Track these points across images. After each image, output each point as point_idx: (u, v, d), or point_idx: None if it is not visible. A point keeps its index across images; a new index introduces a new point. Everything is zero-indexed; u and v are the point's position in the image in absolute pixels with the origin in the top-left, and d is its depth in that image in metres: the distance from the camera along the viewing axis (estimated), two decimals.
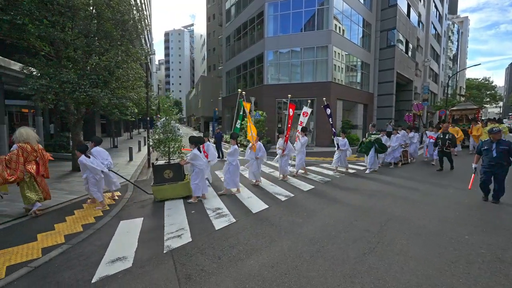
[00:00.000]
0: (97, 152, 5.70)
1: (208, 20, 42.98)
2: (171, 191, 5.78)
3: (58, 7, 6.09)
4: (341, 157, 8.86)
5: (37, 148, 4.96)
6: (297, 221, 4.52)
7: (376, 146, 8.68)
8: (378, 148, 8.71)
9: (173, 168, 5.78)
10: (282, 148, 7.62)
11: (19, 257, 3.41)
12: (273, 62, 19.34)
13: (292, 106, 8.28)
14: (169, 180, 5.77)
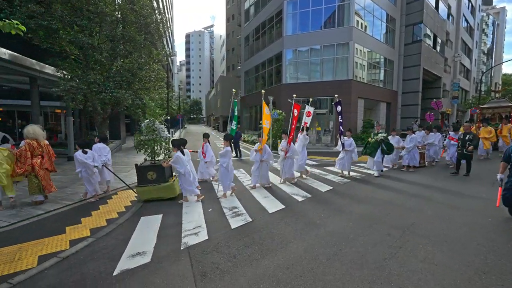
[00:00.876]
0: (97, 148, 6.04)
1: (228, 21, 43.46)
2: (155, 192, 5.69)
3: (87, 13, 6.47)
4: (344, 158, 8.07)
5: (43, 144, 5.40)
6: (314, 222, 4.43)
7: (383, 146, 7.94)
8: (384, 149, 7.95)
9: (156, 169, 5.67)
10: (285, 150, 7.16)
11: (50, 247, 3.66)
12: (292, 61, 19.14)
13: (297, 106, 7.76)
14: (152, 182, 5.67)
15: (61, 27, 6.22)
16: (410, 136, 8.81)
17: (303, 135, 7.95)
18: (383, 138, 8.00)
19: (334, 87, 17.48)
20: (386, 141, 7.99)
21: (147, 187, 5.64)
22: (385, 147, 7.95)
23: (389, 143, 8.03)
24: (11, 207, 5.15)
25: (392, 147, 8.16)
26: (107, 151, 6.23)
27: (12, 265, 3.22)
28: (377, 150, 7.99)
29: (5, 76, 8.13)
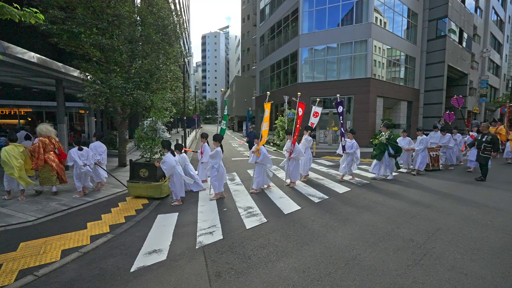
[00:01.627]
0: (94, 146, 6.34)
1: (243, 21, 43.64)
2: (144, 190, 5.76)
3: (107, 16, 6.70)
4: (345, 162, 7.44)
5: (54, 141, 6.03)
6: (331, 224, 4.29)
7: (390, 148, 7.36)
8: (391, 152, 7.36)
9: (149, 168, 5.72)
10: (290, 150, 6.83)
11: (72, 242, 3.79)
12: (307, 59, 18.85)
13: (302, 105, 7.34)
14: (143, 179, 5.75)
15: (83, 31, 6.48)
16: (421, 138, 8.16)
17: (306, 137, 7.45)
18: (388, 139, 7.36)
19: (351, 86, 17.01)
20: (393, 143, 7.40)
21: (137, 183, 5.75)
22: (392, 149, 7.35)
23: (395, 145, 7.44)
24: (36, 202, 5.43)
25: (400, 149, 7.60)
26: (103, 149, 6.55)
27: (38, 258, 3.36)
28: (383, 153, 7.43)
29: (33, 78, 8.61)
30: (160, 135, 5.90)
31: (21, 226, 4.34)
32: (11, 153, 5.35)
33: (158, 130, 5.88)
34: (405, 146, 8.35)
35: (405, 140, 8.50)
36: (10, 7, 2.62)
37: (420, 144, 8.13)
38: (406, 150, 8.37)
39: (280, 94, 19.14)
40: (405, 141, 8.47)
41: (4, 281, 2.89)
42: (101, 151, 6.51)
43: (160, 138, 5.91)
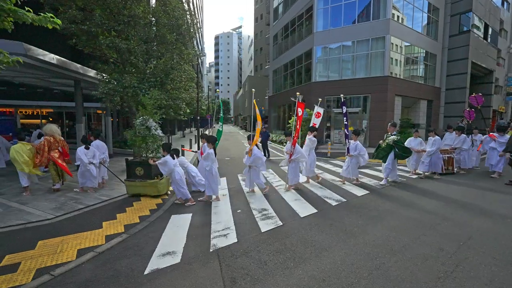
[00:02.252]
0: (95, 146, 6.48)
1: (256, 21, 43.56)
2: (141, 188, 5.82)
3: (123, 17, 6.78)
4: (349, 164, 7.04)
5: (58, 139, 6.26)
6: (350, 229, 4.07)
7: (396, 150, 6.82)
8: (398, 152, 6.83)
9: (144, 166, 5.75)
10: (290, 152, 6.49)
11: (88, 242, 3.80)
12: (321, 58, 18.46)
13: (301, 105, 6.99)
14: (139, 178, 5.82)
15: (100, 32, 6.58)
16: (433, 139, 7.54)
17: (309, 138, 7.11)
18: (396, 140, 6.85)
19: (368, 84, 16.48)
20: (400, 144, 6.88)
21: (134, 182, 5.82)
22: (399, 151, 6.80)
23: (404, 146, 6.92)
24: (58, 204, 5.54)
25: (409, 150, 7.05)
26: (104, 148, 6.74)
27: (55, 257, 3.38)
28: (389, 154, 6.89)
29: (53, 79, 8.87)
30: (153, 133, 5.94)
31: (40, 224, 4.42)
32: (19, 151, 5.73)
33: (150, 128, 5.91)
34: (415, 147, 7.88)
35: (416, 141, 8.01)
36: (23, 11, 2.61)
37: (433, 146, 7.50)
38: (417, 151, 7.88)
39: (293, 94, 18.86)
40: (416, 142, 7.97)
41: (22, 280, 2.90)
42: (103, 150, 6.68)
43: (153, 135, 5.96)
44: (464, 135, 8.51)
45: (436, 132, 7.81)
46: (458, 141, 8.48)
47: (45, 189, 6.32)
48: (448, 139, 8.80)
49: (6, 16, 2.54)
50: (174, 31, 8.18)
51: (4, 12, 2.47)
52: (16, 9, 2.53)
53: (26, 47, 6.11)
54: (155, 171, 5.74)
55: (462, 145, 8.42)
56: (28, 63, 6.36)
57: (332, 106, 18.22)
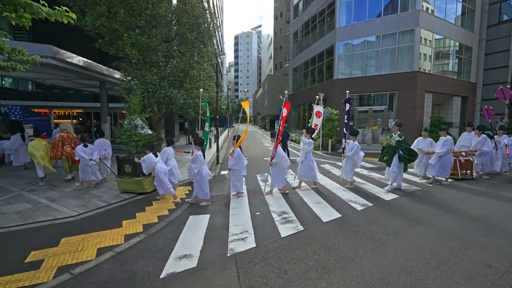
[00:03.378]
0: (98, 143, 6.91)
1: (275, 19, 43.17)
2: (129, 185, 6.03)
3: (145, 16, 6.88)
4: (345, 166, 6.63)
5: (71, 136, 6.99)
6: (379, 238, 3.73)
7: (401, 152, 6.03)
8: (402, 154, 6.03)
9: (132, 164, 5.96)
10: (272, 155, 6.04)
11: (107, 240, 3.82)
12: (344, 54, 17.75)
13: (287, 106, 6.44)
14: (128, 175, 6.06)
15: (124, 30, 6.72)
16: (444, 139, 6.69)
17: (303, 140, 6.46)
18: (399, 141, 6.03)
19: (394, 81, 15.56)
20: (404, 146, 6.05)
21: (123, 178, 6.08)
22: (403, 153, 6.00)
23: (408, 147, 6.10)
24: (75, 195, 5.73)
25: (414, 153, 6.18)
26: (107, 145, 7.15)
27: (75, 255, 3.41)
28: (393, 158, 6.20)
29: (80, 81, 9.27)
30: (139, 131, 6.18)
31: (64, 221, 4.54)
32: (35, 146, 6.43)
33: (137, 126, 6.17)
34: (424, 148, 7.17)
35: (425, 141, 7.28)
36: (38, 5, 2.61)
37: (443, 147, 6.62)
38: (426, 153, 7.17)
39: (314, 92, 18.36)
40: (425, 143, 7.26)
41: (43, 277, 2.93)
42: (105, 147, 7.11)
43: (139, 133, 6.18)
44: (484, 135, 7.49)
45: (448, 132, 6.89)
46: (477, 142, 7.49)
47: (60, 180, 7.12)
48: (465, 139, 7.79)
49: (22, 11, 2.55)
50: (194, 29, 8.18)
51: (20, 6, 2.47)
52: (31, 2, 2.53)
53: (54, 50, 6.38)
54: (140, 169, 5.81)
55: (482, 146, 7.40)
56: (56, 65, 6.64)
57: (355, 104, 17.47)
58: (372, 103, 17.18)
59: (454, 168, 7.10)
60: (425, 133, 7.38)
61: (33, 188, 6.42)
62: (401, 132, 6.31)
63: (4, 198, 5.70)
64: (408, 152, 6.03)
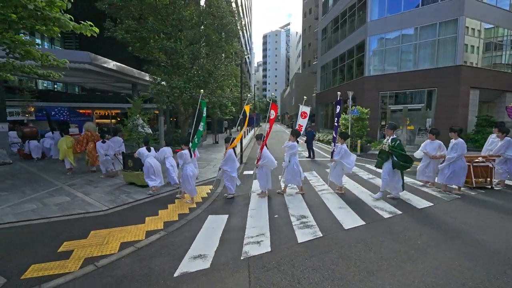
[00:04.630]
0: (112, 141, 7.63)
1: (304, 16, 42.34)
2: (131, 177, 6.77)
3: (171, 20, 7.16)
4: (333, 170, 6.22)
5: (95, 134, 8.09)
6: (406, 251, 3.40)
7: (395, 158, 5.41)
8: (396, 161, 5.39)
9: (133, 159, 6.60)
10: (258, 157, 5.98)
11: (130, 236, 4.01)
12: (376, 50, 16.72)
13: (275, 107, 6.38)
14: (130, 168, 6.79)
15: (152, 36, 7.06)
16: (454, 142, 5.84)
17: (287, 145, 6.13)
18: (393, 146, 5.40)
19: (433, 76, 14.26)
20: (398, 151, 5.37)
21: (126, 172, 6.89)
22: (398, 159, 5.37)
23: (402, 153, 5.36)
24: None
25: (409, 159, 5.37)
26: (120, 143, 7.85)
27: (101, 248, 3.64)
28: (385, 163, 5.60)
29: (114, 83, 9.94)
30: (139, 130, 6.93)
31: (95, 214, 4.89)
32: (62, 142, 7.75)
33: (138, 126, 6.90)
34: (431, 152, 6.35)
35: (432, 145, 6.42)
36: (65, 19, 2.80)
37: (452, 151, 5.81)
38: (432, 157, 6.35)
39: (343, 90, 17.63)
40: (433, 146, 6.40)
41: (71, 267, 3.17)
42: (118, 144, 7.82)
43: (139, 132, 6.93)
44: (508, 138, 6.39)
45: (459, 134, 5.88)
46: (499, 146, 6.41)
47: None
48: (493, 143, 6.73)
49: (52, 24, 2.76)
50: (219, 30, 8.30)
51: (50, 21, 2.68)
52: (60, 17, 2.73)
53: (91, 56, 6.92)
54: (140, 164, 6.41)
55: (506, 151, 6.31)
56: (93, 70, 7.19)
57: (388, 103, 16.38)
58: (407, 101, 15.96)
59: (468, 176, 6.18)
60: (432, 136, 6.54)
61: (73, 183, 7.05)
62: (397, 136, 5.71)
63: (48, 191, 6.33)
64: (403, 158, 5.36)
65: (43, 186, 6.69)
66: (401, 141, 5.57)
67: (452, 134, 5.91)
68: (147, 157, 6.13)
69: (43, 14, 2.52)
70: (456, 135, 5.86)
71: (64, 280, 2.92)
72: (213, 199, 5.86)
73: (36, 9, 2.46)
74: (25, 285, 2.83)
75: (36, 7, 2.45)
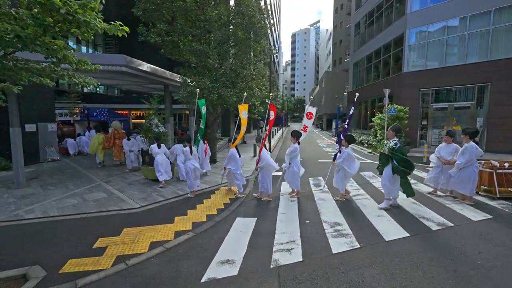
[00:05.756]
0: (136, 139, 8.57)
1: (335, 12, 40.82)
2: (147, 172, 7.40)
3: (199, 22, 7.22)
4: (335, 175, 5.79)
5: (120, 132, 9.15)
6: (464, 272, 2.91)
7: (394, 163, 4.87)
8: (396, 165, 4.85)
9: (149, 155, 7.19)
10: (257, 159, 6.01)
11: (160, 235, 4.03)
12: (416, 44, 15.38)
13: (273, 108, 6.33)
14: (146, 164, 7.49)
15: (182, 39, 7.18)
16: (465, 145, 5.13)
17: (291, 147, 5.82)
18: (393, 149, 4.90)
19: (486, 70, 12.67)
20: (399, 155, 4.85)
21: (144, 167, 7.55)
22: (398, 164, 4.85)
23: (403, 157, 4.83)
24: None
25: (410, 164, 4.84)
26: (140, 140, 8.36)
27: (132, 246, 3.68)
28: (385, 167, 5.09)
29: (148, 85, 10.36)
30: (153, 128, 7.55)
31: (128, 212, 5.04)
32: (96, 139, 8.86)
33: (153, 125, 7.56)
34: (446, 156, 5.59)
35: (448, 148, 5.64)
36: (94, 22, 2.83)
37: (462, 156, 5.13)
38: (445, 163, 5.58)
39: (378, 88, 16.55)
40: (448, 150, 5.65)
41: (104, 264, 3.23)
42: (139, 142, 8.43)
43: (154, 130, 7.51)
44: None
45: (473, 137, 5.14)
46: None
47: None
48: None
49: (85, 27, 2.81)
50: (247, 29, 8.20)
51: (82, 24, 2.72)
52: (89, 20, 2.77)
53: (127, 59, 7.22)
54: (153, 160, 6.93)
55: None
56: (129, 72, 7.52)
57: (430, 101, 14.97)
58: (453, 99, 14.44)
59: (490, 184, 5.48)
60: (448, 138, 5.75)
61: (110, 180, 7.44)
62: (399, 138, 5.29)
63: (88, 187, 6.74)
64: (403, 163, 4.86)
65: (84, 182, 7.15)
66: (402, 145, 5.11)
67: (464, 137, 5.23)
68: (157, 154, 6.74)
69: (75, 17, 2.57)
70: (468, 138, 5.17)
71: (97, 277, 2.97)
72: (241, 201, 5.74)
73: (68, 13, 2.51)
74: (62, 279, 2.93)
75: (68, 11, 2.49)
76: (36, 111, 9.50)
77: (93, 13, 2.74)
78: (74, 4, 2.58)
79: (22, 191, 6.34)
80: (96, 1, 2.71)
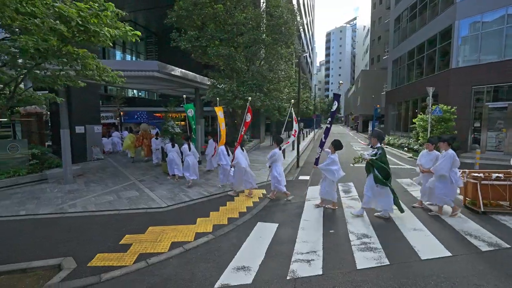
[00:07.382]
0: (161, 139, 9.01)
1: (373, 7, 38.57)
2: (165, 167, 8.11)
3: (227, 26, 7.31)
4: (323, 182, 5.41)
5: (148, 133, 10.23)
6: None
7: (375, 172, 4.58)
8: (376, 174, 4.57)
9: (164, 151, 7.89)
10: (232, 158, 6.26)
11: (180, 236, 4.10)
12: (468, 36, 13.70)
13: (250, 111, 6.40)
14: (163, 160, 8.31)
15: (210, 44, 7.36)
16: (444, 153, 4.74)
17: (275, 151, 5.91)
18: (373, 156, 4.61)
19: None
20: (378, 164, 4.58)
21: (164, 163, 8.26)
22: (378, 171, 4.57)
23: (382, 166, 4.53)
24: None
25: (388, 175, 4.54)
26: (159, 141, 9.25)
27: (154, 245, 3.80)
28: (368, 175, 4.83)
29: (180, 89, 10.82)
30: (170, 130, 8.22)
31: (155, 210, 5.26)
32: (127, 138, 10.17)
33: (169, 126, 8.28)
34: (425, 165, 5.10)
35: (429, 156, 4.99)
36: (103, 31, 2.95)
37: (444, 162, 4.65)
38: (423, 171, 5.10)
39: (421, 86, 15.12)
40: (429, 157, 5.05)
41: (127, 261, 3.37)
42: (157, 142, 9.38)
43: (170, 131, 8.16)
44: None
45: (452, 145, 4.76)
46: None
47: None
48: None
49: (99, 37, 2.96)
50: (275, 32, 8.09)
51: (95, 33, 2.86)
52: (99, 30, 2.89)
53: (160, 64, 7.61)
54: None
55: None
56: (162, 77, 7.92)
57: (485, 100, 13.19)
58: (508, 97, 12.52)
59: (474, 196, 4.85)
60: (429, 145, 5.16)
61: (143, 179, 7.89)
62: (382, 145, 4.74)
63: (124, 185, 7.22)
64: (381, 171, 4.56)
65: (121, 180, 7.69)
66: (384, 152, 4.69)
67: (442, 144, 4.86)
68: (170, 152, 7.45)
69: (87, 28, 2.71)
70: (446, 145, 4.79)
71: (120, 273, 3.11)
72: (264, 205, 5.63)
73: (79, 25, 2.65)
74: (89, 272, 3.12)
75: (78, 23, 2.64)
76: (85, 115, 10.56)
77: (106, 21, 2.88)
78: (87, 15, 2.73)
79: (69, 186, 7.04)
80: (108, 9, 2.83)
